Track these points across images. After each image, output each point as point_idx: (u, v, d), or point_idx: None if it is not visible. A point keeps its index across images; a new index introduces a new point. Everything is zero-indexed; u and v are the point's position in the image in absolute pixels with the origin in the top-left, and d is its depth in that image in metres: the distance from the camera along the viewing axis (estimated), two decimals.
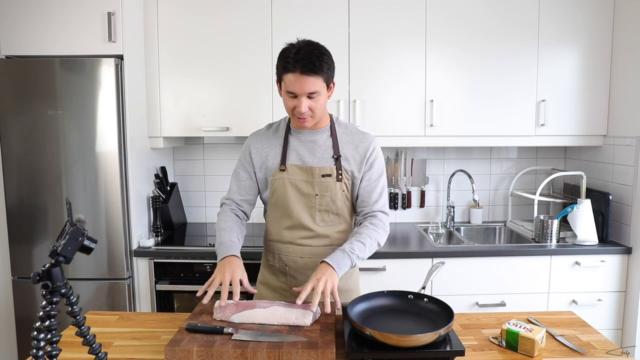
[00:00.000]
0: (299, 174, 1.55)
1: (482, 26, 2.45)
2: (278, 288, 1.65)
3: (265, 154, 1.60)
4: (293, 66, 1.39)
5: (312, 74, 1.39)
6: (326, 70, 1.42)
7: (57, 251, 0.98)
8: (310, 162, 1.55)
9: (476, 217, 2.86)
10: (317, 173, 1.53)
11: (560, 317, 1.48)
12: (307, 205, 1.55)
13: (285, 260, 1.61)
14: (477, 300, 2.32)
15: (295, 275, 1.61)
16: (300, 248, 1.59)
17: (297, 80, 1.40)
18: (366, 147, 1.56)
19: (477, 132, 2.50)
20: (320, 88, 1.43)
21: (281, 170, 1.55)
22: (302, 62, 1.38)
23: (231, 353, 1.13)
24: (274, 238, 1.63)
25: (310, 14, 2.41)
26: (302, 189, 1.55)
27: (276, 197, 1.58)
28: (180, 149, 2.89)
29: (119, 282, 2.24)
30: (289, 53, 1.41)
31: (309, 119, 1.47)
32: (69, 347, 1.25)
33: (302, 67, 1.38)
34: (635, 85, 2.32)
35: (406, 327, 1.25)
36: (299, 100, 1.42)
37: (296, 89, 1.41)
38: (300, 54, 1.39)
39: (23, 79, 2.15)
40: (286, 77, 1.42)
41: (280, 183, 1.56)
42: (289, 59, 1.40)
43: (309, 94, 1.42)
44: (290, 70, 1.40)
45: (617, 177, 2.45)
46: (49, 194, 2.20)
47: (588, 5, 2.44)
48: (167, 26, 2.42)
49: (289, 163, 1.56)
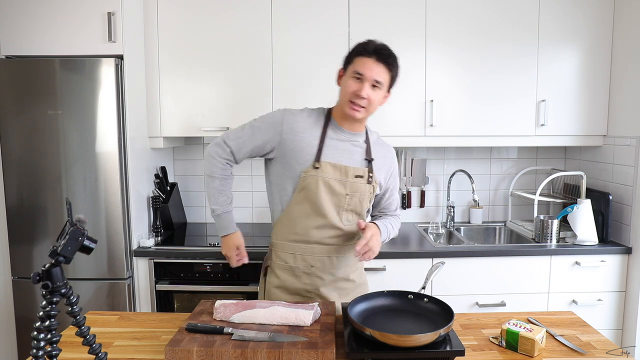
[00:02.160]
0: (333, 173, 1.53)
1: (482, 26, 2.45)
2: (300, 290, 1.61)
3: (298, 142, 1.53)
4: (370, 52, 1.47)
5: (385, 65, 1.47)
6: (394, 70, 1.52)
7: (57, 251, 0.98)
8: (345, 162, 1.55)
9: (476, 217, 2.86)
10: (350, 173, 1.54)
11: (560, 317, 1.48)
12: (337, 205, 1.55)
13: (310, 260, 1.58)
14: (477, 300, 2.32)
15: (321, 275, 1.59)
16: (327, 247, 1.58)
17: (369, 64, 1.46)
18: (391, 159, 1.67)
19: (477, 132, 2.50)
20: (385, 81, 1.49)
21: (315, 168, 1.51)
22: (379, 51, 1.47)
23: (231, 353, 1.13)
24: (299, 238, 1.58)
25: (311, 14, 2.41)
26: (335, 187, 1.53)
27: (306, 194, 1.53)
28: (180, 149, 2.89)
29: (119, 282, 2.24)
30: (368, 43, 1.49)
31: (362, 110, 1.50)
32: (69, 347, 1.25)
33: (379, 55, 1.47)
34: (635, 85, 2.32)
35: (406, 327, 1.25)
36: (363, 84, 1.47)
37: (366, 72, 1.46)
38: (379, 47, 1.48)
39: (23, 79, 2.15)
40: (358, 60, 1.48)
41: (313, 181, 1.51)
42: (367, 47, 1.48)
43: (375, 82, 1.47)
44: (365, 55, 1.47)
45: (617, 177, 2.45)
46: (49, 194, 2.20)
47: (588, 5, 2.44)
48: (167, 26, 2.42)
49: (323, 160, 1.52)
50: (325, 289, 1.60)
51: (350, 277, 1.65)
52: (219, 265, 2.26)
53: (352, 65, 1.49)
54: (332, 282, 1.61)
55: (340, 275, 1.62)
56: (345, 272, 1.63)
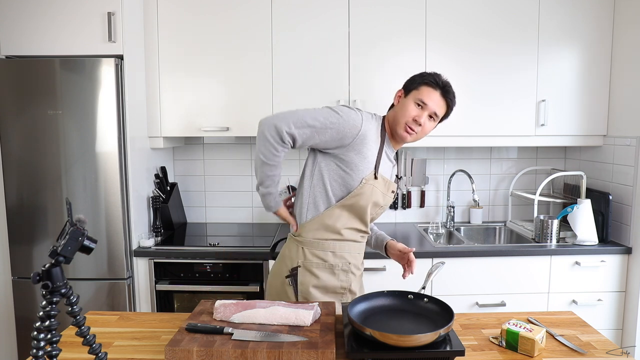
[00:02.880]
0: (382, 186, 1.57)
1: (482, 26, 2.45)
2: (337, 288, 1.61)
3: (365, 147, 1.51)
4: (438, 85, 1.53)
5: (446, 101, 1.55)
6: (451, 109, 1.59)
7: (57, 251, 0.98)
8: (389, 176, 1.63)
9: (476, 217, 2.86)
10: (391, 188, 1.62)
11: (560, 317, 1.48)
12: (373, 214, 1.62)
13: (347, 257, 1.62)
14: (477, 300, 2.32)
15: (355, 272, 1.64)
16: (360, 244, 1.66)
17: (435, 97, 1.53)
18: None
19: (477, 132, 2.50)
20: (440, 116, 1.57)
21: (375, 178, 1.55)
22: (446, 88, 1.54)
23: (231, 353, 1.13)
24: (338, 237, 1.58)
25: (311, 14, 2.41)
26: (379, 199, 1.58)
27: (357, 200, 1.53)
28: (180, 149, 2.89)
29: (119, 282, 2.24)
30: (437, 76, 1.55)
31: (413, 134, 1.56)
32: (69, 347, 1.25)
33: (444, 91, 1.54)
34: (635, 85, 2.32)
35: (406, 327, 1.25)
36: (423, 112, 1.53)
37: (430, 102, 1.52)
38: (446, 83, 1.55)
39: (23, 79, 2.15)
40: (424, 89, 1.54)
41: (369, 189, 1.53)
42: (436, 79, 1.54)
43: (432, 114, 1.54)
44: (432, 86, 1.53)
45: (617, 177, 2.45)
46: (49, 194, 2.20)
47: (588, 5, 2.44)
48: (167, 26, 2.42)
49: (379, 173, 1.56)
50: (355, 283, 1.66)
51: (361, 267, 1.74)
52: (219, 265, 2.26)
53: (418, 92, 1.54)
54: (360, 277, 1.71)
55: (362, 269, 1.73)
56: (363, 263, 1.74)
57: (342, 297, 1.62)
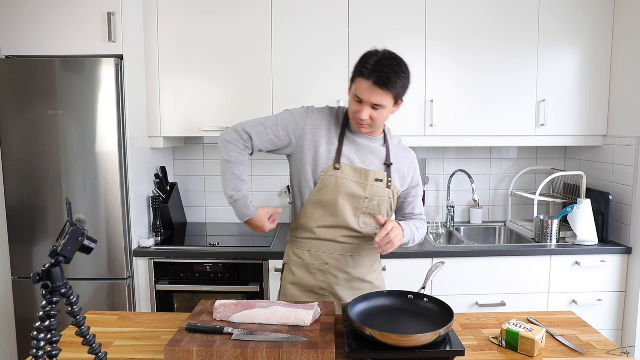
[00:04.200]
0: (352, 175, 1.52)
1: (482, 26, 2.45)
2: (314, 287, 1.60)
3: (318, 139, 1.52)
4: (368, 74, 1.39)
5: (383, 88, 1.39)
6: (398, 88, 1.42)
7: (57, 251, 0.98)
8: (363, 164, 1.54)
9: (476, 217, 2.86)
10: (371, 176, 1.53)
11: (560, 317, 1.48)
12: (355, 207, 1.54)
13: (325, 257, 1.58)
14: (477, 300, 2.32)
15: (335, 274, 1.58)
16: (342, 246, 1.58)
17: (367, 89, 1.40)
18: (410, 163, 1.64)
19: (477, 132, 2.50)
20: (387, 103, 1.43)
21: (335, 169, 1.51)
22: (378, 74, 1.38)
23: (231, 353, 1.13)
24: (312, 236, 1.58)
25: (311, 14, 2.41)
26: (354, 190, 1.52)
27: (323, 194, 1.53)
28: (180, 149, 2.89)
29: (119, 282, 2.24)
30: (370, 59, 1.40)
31: (367, 127, 1.49)
32: (69, 347, 1.25)
33: (376, 79, 1.38)
34: (635, 85, 2.32)
35: (406, 327, 1.25)
36: (363, 107, 1.43)
37: (363, 97, 1.42)
38: (379, 65, 1.39)
39: (23, 79, 2.15)
40: (358, 81, 1.43)
41: (332, 181, 1.51)
42: (367, 65, 1.39)
43: (374, 105, 1.43)
44: (364, 76, 1.40)
45: (617, 177, 2.45)
46: (49, 194, 2.20)
47: (588, 5, 2.44)
48: (167, 26, 2.42)
49: (343, 162, 1.52)
50: (340, 287, 1.59)
51: (367, 279, 1.63)
52: (218, 265, 2.26)
53: (354, 85, 1.44)
54: (346, 281, 1.60)
55: (356, 275, 1.60)
56: (362, 272, 1.61)
57: (323, 298, 1.60)
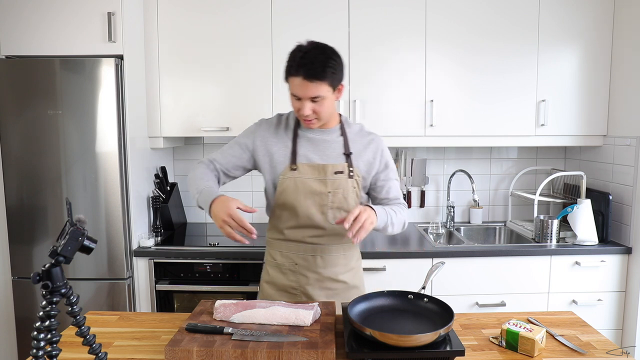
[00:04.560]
0: (311, 173, 1.53)
1: (482, 26, 2.45)
2: (287, 287, 1.63)
3: (270, 147, 1.56)
4: (296, 70, 1.39)
5: (315, 80, 1.39)
6: (330, 75, 1.41)
7: (57, 251, 0.98)
8: (321, 160, 1.54)
9: (476, 217, 2.86)
10: (329, 170, 1.53)
11: (560, 317, 1.48)
12: (319, 204, 1.54)
13: (294, 258, 1.60)
14: (477, 300, 2.32)
15: (305, 274, 1.60)
16: (311, 246, 1.59)
17: (300, 85, 1.40)
18: (377, 148, 1.59)
19: (477, 132, 2.50)
20: (325, 92, 1.42)
21: (292, 170, 1.53)
22: (305, 68, 1.38)
23: (231, 353, 1.13)
24: (281, 237, 1.62)
25: (311, 14, 2.41)
26: (314, 187, 1.52)
27: (285, 197, 1.55)
28: (180, 149, 2.89)
29: (119, 282, 2.24)
30: (296, 56, 1.41)
31: (314, 121, 1.49)
32: (69, 347, 1.25)
33: (305, 73, 1.38)
34: (635, 85, 2.32)
35: (406, 327, 1.25)
36: (303, 104, 1.44)
37: (299, 93, 1.42)
38: (305, 59, 1.38)
39: (23, 79, 2.15)
40: (290, 80, 1.43)
41: (291, 182, 1.53)
42: (294, 63, 1.40)
43: (312, 98, 1.42)
44: (294, 74, 1.41)
45: (617, 177, 2.45)
46: (49, 194, 2.20)
47: (588, 5, 2.44)
48: (167, 26, 2.42)
49: (299, 162, 1.53)
50: (311, 287, 1.60)
51: (340, 278, 1.62)
52: (218, 265, 2.26)
53: (289, 85, 1.45)
54: (317, 281, 1.61)
55: (327, 275, 1.61)
56: (334, 272, 1.61)
57: (295, 297, 1.62)
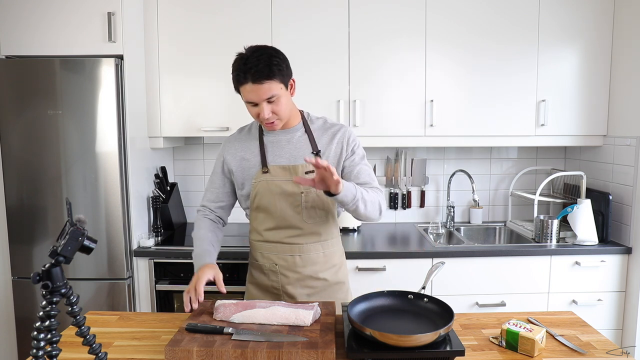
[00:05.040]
0: (282, 174, 1.55)
1: (482, 26, 2.45)
2: (269, 287, 1.65)
3: (240, 157, 1.61)
4: (244, 77, 1.41)
5: (264, 80, 1.40)
6: (278, 72, 1.42)
7: (57, 251, 0.98)
8: (292, 161, 1.56)
9: (476, 217, 2.86)
10: (300, 171, 1.54)
11: (560, 317, 1.48)
12: (293, 204, 1.56)
13: (274, 259, 1.61)
14: (477, 300, 2.32)
15: (286, 274, 1.61)
16: (289, 246, 1.59)
17: (252, 90, 1.42)
18: (342, 137, 1.59)
19: (477, 132, 2.50)
20: (278, 90, 1.44)
21: (264, 173, 1.55)
22: (251, 72, 1.40)
23: (231, 353, 1.13)
24: (260, 238, 1.63)
25: (311, 14, 2.41)
26: (287, 188, 1.54)
27: (258, 200, 1.58)
28: (180, 149, 2.89)
29: (119, 282, 2.24)
30: (239, 65, 1.43)
31: (276, 122, 1.51)
32: (69, 347, 1.25)
33: (253, 77, 1.40)
34: (635, 85, 2.32)
35: (406, 327, 1.25)
36: (260, 107, 1.45)
37: (253, 98, 1.44)
38: (248, 64, 1.40)
39: (23, 79, 2.15)
40: (242, 89, 1.45)
41: (263, 185, 1.55)
42: (240, 71, 1.42)
43: (268, 99, 1.44)
44: (242, 82, 1.42)
45: (617, 177, 2.45)
46: (49, 194, 2.20)
47: (588, 5, 2.44)
48: (167, 26, 2.42)
49: (270, 165, 1.56)
50: (292, 286, 1.62)
51: (320, 276, 1.63)
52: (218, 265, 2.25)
53: (241, 94, 1.47)
54: (297, 280, 1.62)
55: (307, 274, 1.61)
56: (313, 270, 1.62)
57: (278, 297, 1.63)
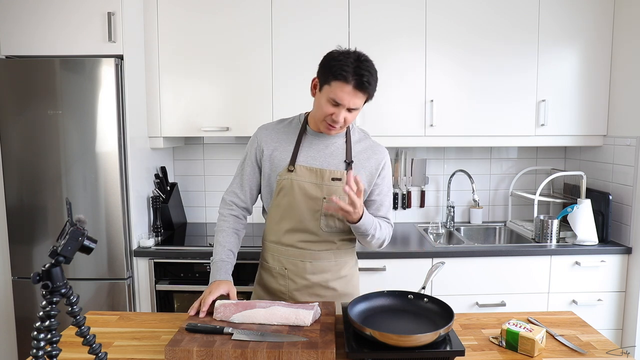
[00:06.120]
0: (308, 176, 1.50)
1: (482, 26, 2.45)
2: (276, 291, 1.62)
3: (273, 148, 1.55)
4: (349, 77, 1.36)
5: (364, 91, 1.39)
6: (373, 90, 1.43)
7: (57, 251, 0.98)
8: (321, 165, 1.52)
9: (476, 217, 2.86)
10: (327, 176, 1.51)
11: (560, 317, 1.48)
12: (313, 209, 1.52)
13: (284, 262, 1.59)
14: (477, 300, 2.32)
15: (294, 279, 1.58)
16: (300, 251, 1.56)
17: (348, 93, 1.38)
18: (379, 160, 1.58)
19: (477, 132, 2.50)
20: (361, 104, 1.44)
21: (289, 171, 1.51)
22: (359, 77, 1.36)
23: (231, 353, 1.13)
24: (274, 239, 1.60)
25: (311, 13, 2.41)
26: (310, 191, 1.50)
27: (280, 198, 1.54)
28: (180, 149, 2.89)
29: (119, 282, 2.24)
30: (347, 61, 1.37)
31: (339, 129, 1.48)
32: (69, 347, 1.25)
33: (358, 82, 1.36)
34: (635, 85, 2.32)
35: (406, 327, 1.25)
36: (339, 110, 1.41)
37: (343, 101, 1.39)
38: (361, 68, 1.36)
39: (23, 79, 2.15)
40: (336, 84, 1.38)
41: (288, 183, 1.51)
42: (347, 68, 1.36)
43: (350, 108, 1.42)
44: (344, 80, 1.36)
45: (617, 177, 2.45)
46: (49, 194, 2.20)
47: (588, 5, 2.44)
48: (167, 26, 2.42)
49: (298, 164, 1.51)
50: (299, 293, 1.58)
51: (330, 285, 1.59)
52: None
53: (330, 88, 1.39)
54: (306, 287, 1.58)
55: (316, 281, 1.58)
56: (323, 278, 1.58)
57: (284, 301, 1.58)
